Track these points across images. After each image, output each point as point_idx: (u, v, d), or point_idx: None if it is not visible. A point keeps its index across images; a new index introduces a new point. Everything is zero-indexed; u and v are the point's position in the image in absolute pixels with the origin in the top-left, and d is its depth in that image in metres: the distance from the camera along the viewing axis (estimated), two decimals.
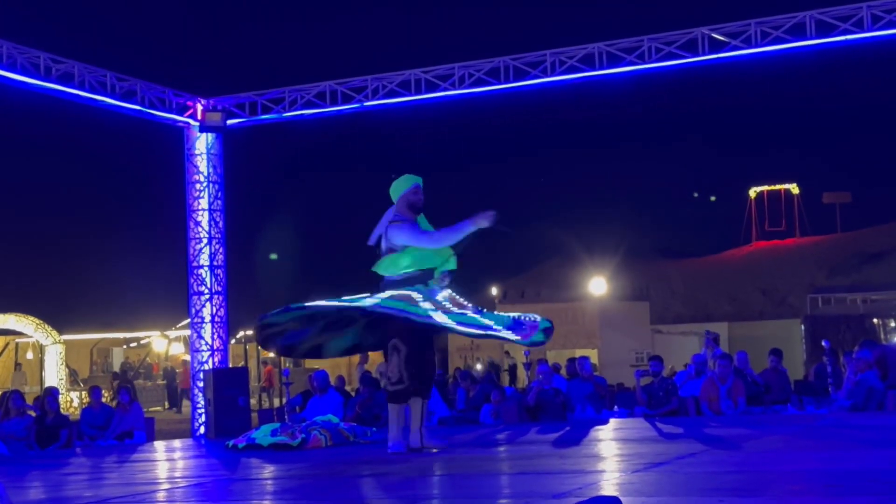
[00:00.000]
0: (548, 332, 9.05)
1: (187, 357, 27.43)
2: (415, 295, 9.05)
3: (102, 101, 15.68)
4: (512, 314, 9.36)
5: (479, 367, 36.31)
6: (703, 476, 6.67)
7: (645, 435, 10.70)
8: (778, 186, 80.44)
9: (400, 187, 9.53)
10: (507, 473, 7.75)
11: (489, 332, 9.03)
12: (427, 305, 8.98)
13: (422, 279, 9.22)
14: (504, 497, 6.22)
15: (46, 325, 32.48)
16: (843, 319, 35.70)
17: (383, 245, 9.41)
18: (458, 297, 9.31)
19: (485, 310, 9.53)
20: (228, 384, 14.92)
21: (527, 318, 9.20)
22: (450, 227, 9.20)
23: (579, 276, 47.40)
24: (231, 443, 11.57)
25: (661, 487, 6.20)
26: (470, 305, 9.37)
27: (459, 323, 8.93)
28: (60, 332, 33.43)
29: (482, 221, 9.04)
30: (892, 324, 38.03)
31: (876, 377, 13.62)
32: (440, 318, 8.89)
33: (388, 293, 9.11)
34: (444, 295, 9.19)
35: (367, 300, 9.06)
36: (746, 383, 14.65)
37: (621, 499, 4.49)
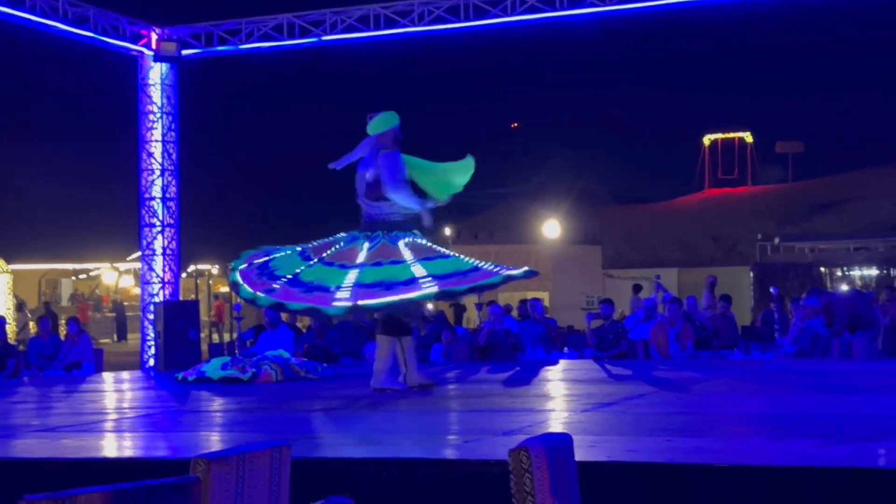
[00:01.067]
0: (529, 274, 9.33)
1: (138, 290, 27.23)
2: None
3: (54, 27, 15.34)
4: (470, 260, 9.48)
5: (430, 306, 36.33)
6: (652, 416, 6.75)
7: (594, 376, 10.81)
8: (732, 134, 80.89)
9: (389, 122, 9.46)
10: (457, 411, 7.81)
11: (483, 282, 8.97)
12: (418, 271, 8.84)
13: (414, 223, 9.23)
14: (454, 434, 6.27)
15: None
16: (792, 268, 36.14)
17: (369, 172, 9.28)
18: (422, 242, 9.24)
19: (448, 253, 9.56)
20: (179, 317, 14.82)
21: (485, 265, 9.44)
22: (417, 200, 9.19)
23: (532, 220, 47.51)
24: (181, 375, 11.53)
25: (610, 427, 6.26)
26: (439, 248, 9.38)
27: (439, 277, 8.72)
28: (8, 262, 33.00)
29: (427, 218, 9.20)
30: (839, 273, 38.59)
31: (822, 324, 13.83)
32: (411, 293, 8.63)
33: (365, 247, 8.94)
34: (406, 241, 9.14)
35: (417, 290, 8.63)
36: (695, 328, 14.81)
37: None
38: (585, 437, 5.69)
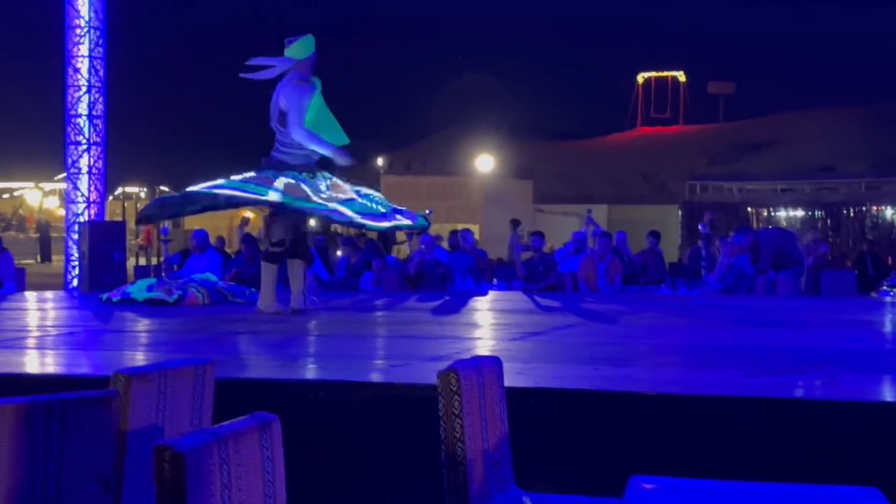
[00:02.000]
0: (427, 220, 9.96)
1: (63, 211, 26.73)
2: (305, 187, 9.09)
3: None
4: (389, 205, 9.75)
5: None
6: (579, 346, 6.78)
7: (523, 307, 10.84)
8: (665, 73, 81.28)
9: (307, 48, 9.43)
10: (385, 337, 7.77)
11: (383, 222, 9.35)
12: (319, 200, 9.05)
13: (307, 166, 9.33)
14: (381, 358, 6.23)
15: None
16: (720, 206, 36.55)
17: (282, 100, 9.31)
18: (339, 182, 9.42)
19: (363, 191, 9.70)
20: (104, 238, 14.57)
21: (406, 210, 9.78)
22: (322, 140, 9.31)
23: (465, 152, 47.44)
24: (105, 296, 11.38)
25: (538, 355, 6.27)
26: (349, 188, 9.46)
27: (359, 213, 9.12)
28: None
29: (340, 159, 9.38)
30: (766, 213, 39.15)
31: (748, 262, 14.01)
32: (341, 209, 9.04)
33: (281, 182, 9.05)
34: (326, 184, 9.28)
35: (271, 194, 9.03)
36: (624, 262, 14.92)
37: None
38: (513, 365, 5.69)
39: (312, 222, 11.82)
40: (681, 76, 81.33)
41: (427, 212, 10.45)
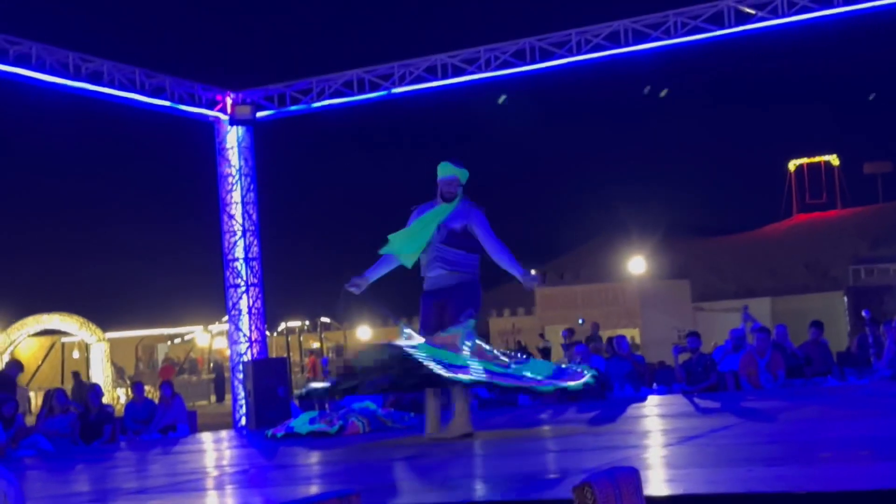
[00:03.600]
0: (596, 378, 9.57)
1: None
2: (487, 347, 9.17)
3: (132, 99, 15.77)
4: (554, 364, 9.59)
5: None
6: (736, 447, 6.64)
7: (681, 410, 10.67)
8: (817, 158, 79.65)
9: (441, 170, 9.65)
10: (539, 452, 7.74)
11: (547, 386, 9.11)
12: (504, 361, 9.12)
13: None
14: (531, 474, 6.21)
15: (90, 324, 32.80)
16: (886, 290, 35.29)
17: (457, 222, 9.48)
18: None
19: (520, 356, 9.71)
20: (268, 374, 14.98)
21: (571, 367, 9.54)
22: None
23: (618, 257, 47.19)
24: (270, 432, 11.65)
25: (693, 459, 6.18)
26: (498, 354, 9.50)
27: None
28: (104, 330, 33.75)
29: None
30: None
31: None
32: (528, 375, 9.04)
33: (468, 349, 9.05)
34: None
35: (466, 376, 8.89)
36: (786, 356, 14.53)
37: (643, 471, 4.50)
38: (666, 471, 5.64)
39: None
40: (833, 160, 79.60)
41: (579, 321, 10.44)
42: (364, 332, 45.55)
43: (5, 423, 13.09)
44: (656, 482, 5.09)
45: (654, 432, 8.48)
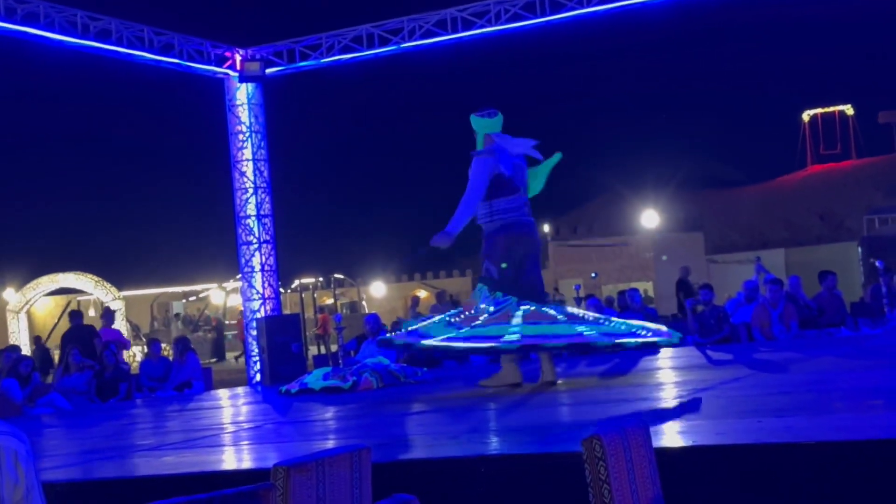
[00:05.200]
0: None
1: None
2: (547, 310, 8.98)
3: (141, 57, 15.74)
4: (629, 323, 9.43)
5: None
6: (746, 399, 6.66)
7: (693, 363, 10.68)
8: (832, 108, 79.07)
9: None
10: (548, 406, 7.77)
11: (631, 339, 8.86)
12: (563, 318, 8.94)
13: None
14: (541, 428, 6.24)
15: (105, 283, 32.97)
16: None
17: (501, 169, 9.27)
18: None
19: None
20: (281, 331, 15.07)
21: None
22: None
23: (631, 210, 47.09)
24: (284, 388, 11.74)
25: (703, 412, 6.19)
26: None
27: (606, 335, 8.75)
28: (120, 288, 33.93)
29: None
30: None
31: None
32: (588, 332, 8.72)
33: (520, 316, 8.76)
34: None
35: (509, 337, 8.56)
36: (798, 307, 14.52)
37: (653, 423, 4.52)
38: (675, 424, 5.65)
39: None
40: (848, 109, 78.96)
41: (592, 275, 10.36)
42: (378, 288, 45.67)
43: (22, 381, 13.21)
44: (666, 434, 5.11)
45: (666, 385, 8.50)
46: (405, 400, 9.16)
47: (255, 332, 16.33)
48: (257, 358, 16.30)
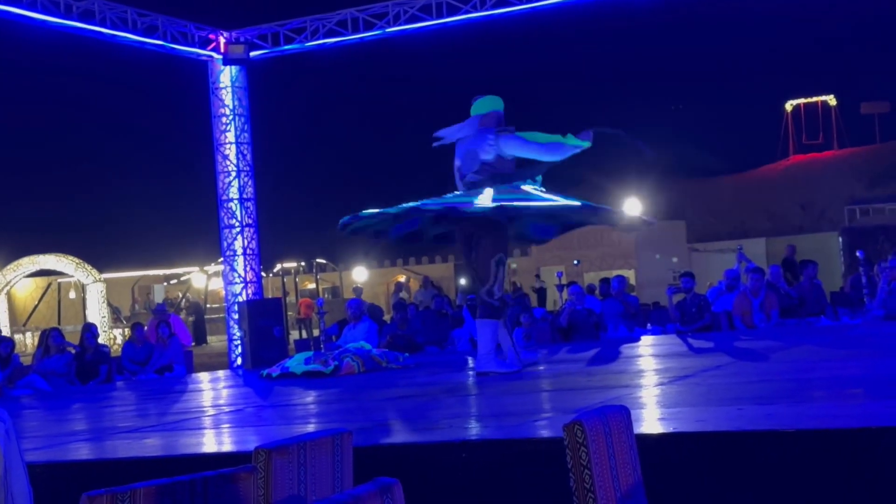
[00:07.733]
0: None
1: None
2: (524, 187, 9.07)
3: (124, 38, 15.66)
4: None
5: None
6: (727, 386, 6.68)
7: (674, 350, 10.73)
8: (814, 98, 79.31)
9: (495, 104, 9.47)
10: (529, 392, 7.79)
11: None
12: (540, 194, 9.05)
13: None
14: (521, 414, 6.26)
15: (86, 265, 32.82)
16: (881, 230, 35.33)
17: (485, 152, 9.21)
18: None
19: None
20: (263, 315, 15.04)
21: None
22: (561, 144, 9.39)
23: (614, 198, 47.15)
24: (266, 372, 11.74)
25: (682, 399, 6.22)
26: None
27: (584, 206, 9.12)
28: (101, 270, 33.78)
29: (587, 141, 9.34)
30: None
31: None
32: (565, 202, 9.10)
33: (489, 192, 8.78)
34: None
35: (481, 199, 8.65)
36: (780, 296, 14.60)
37: (633, 410, 4.53)
38: (656, 410, 5.68)
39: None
40: (831, 100, 79.22)
41: (574, 262, 10.38)
42: (360, 273, 45.63)
43: (1, 362, 13.15)
44: (647, 421, 5.13)
45: (647, 372, 8.53)
46: (387, 385, 9.17)
47: (236, 316, 16.31)
48: (238, 342, 16.28)
